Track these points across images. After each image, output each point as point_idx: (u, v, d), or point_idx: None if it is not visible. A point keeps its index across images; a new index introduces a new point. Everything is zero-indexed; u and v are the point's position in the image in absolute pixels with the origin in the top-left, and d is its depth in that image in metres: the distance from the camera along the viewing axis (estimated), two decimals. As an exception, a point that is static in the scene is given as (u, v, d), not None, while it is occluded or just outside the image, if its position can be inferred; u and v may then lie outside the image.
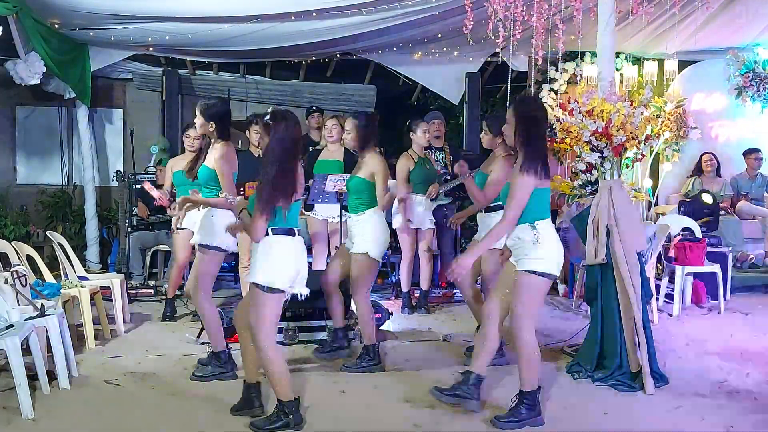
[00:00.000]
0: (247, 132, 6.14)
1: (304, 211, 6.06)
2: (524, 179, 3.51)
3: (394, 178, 5.88)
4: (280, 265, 3.47)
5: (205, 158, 4.35)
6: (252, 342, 3.52)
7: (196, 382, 4.23)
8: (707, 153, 8.07)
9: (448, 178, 6.30)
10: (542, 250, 3.54)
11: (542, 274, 3.55)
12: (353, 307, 4.89)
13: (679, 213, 7.40)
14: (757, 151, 8.10)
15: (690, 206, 7.41)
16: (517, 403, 3.64)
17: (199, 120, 4.24)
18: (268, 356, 3.46)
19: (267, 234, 3.47)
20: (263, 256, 3.48)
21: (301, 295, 3.59)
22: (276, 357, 3.50)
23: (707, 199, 7.34)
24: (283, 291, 3.50)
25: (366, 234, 4.49)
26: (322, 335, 5.09)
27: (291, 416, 3.50)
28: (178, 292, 5.89)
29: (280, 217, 3.46)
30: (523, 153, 3.57)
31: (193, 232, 4.42)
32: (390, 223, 6.48)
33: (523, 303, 3.57)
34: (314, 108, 7.65)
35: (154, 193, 5.81)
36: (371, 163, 4.54)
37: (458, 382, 3.84)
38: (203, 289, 4.24)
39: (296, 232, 3.56)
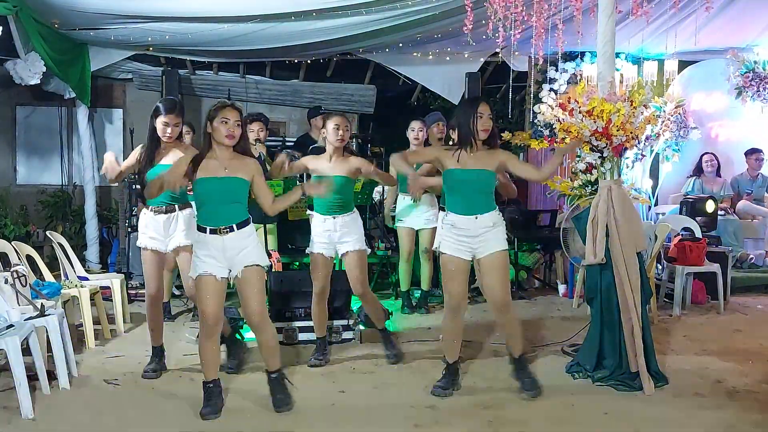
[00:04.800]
0: (245, 132, 6.13)
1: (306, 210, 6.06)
2: None
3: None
4: None
5: (158, 158, 4.34)
6: (264, 320, 3.79)
7: (195, 381, 4.23)
8: (707, 153, 8.06)
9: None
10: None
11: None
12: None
13: (680, 213, 7.40)
14: (758, 151, 8.09)
15: (689, 207, 7.41)
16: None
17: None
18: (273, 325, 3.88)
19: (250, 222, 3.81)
20: (258, 242, 3.83)
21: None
22: None
23: (709, 207, 7.28)
24: None
25: (359, 230, 4.61)
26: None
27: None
28: (177, 292, 5.89)
29: None
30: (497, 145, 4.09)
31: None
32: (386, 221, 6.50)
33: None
34: (324, 110, 7.63)
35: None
36: (353, 160, 4.59)
37: None
38: None
39: None
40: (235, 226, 3.69)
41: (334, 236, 4.53)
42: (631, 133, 4.31)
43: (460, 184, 3.95)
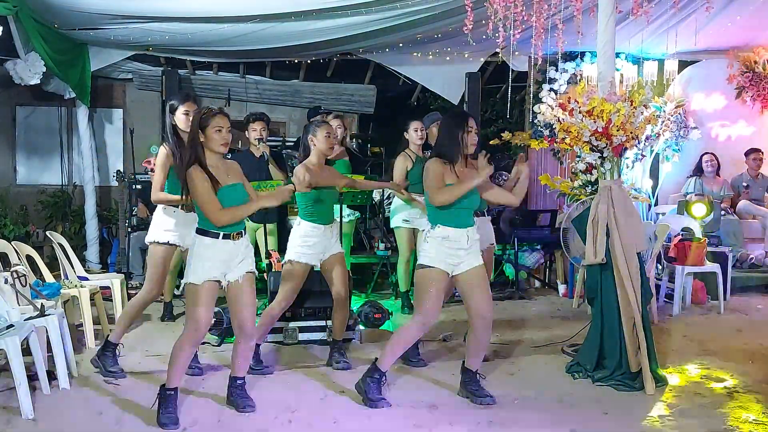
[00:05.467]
0: (246, 132, 6.13)
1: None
2: None
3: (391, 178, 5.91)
4: None
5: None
6: (254, 326, 3.84)
7: (196, 381, 4.23)
8: (707, 153, 8.07)
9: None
10: None
11: None
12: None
13: (677, 213, 7.40)
14: (757, 151, 8.09)
15: (679, 206, 7.40)
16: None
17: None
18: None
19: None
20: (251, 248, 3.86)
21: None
22: None
23: (698, 212, 6.96)
24: None
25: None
26: (322, 335, 5.10)
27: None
28: (177, 292, 5.89)
29: None
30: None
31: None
32: (388, 222, 6.50)
33: None
34: (324, 110, 7.62)
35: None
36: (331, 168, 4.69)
37: None
38: None
39: None
40: (243, 231, 3.73)
41: (329, 244, 4.52)
42: (631, 133, 4.31)
43: (467, 200, 3.87)
